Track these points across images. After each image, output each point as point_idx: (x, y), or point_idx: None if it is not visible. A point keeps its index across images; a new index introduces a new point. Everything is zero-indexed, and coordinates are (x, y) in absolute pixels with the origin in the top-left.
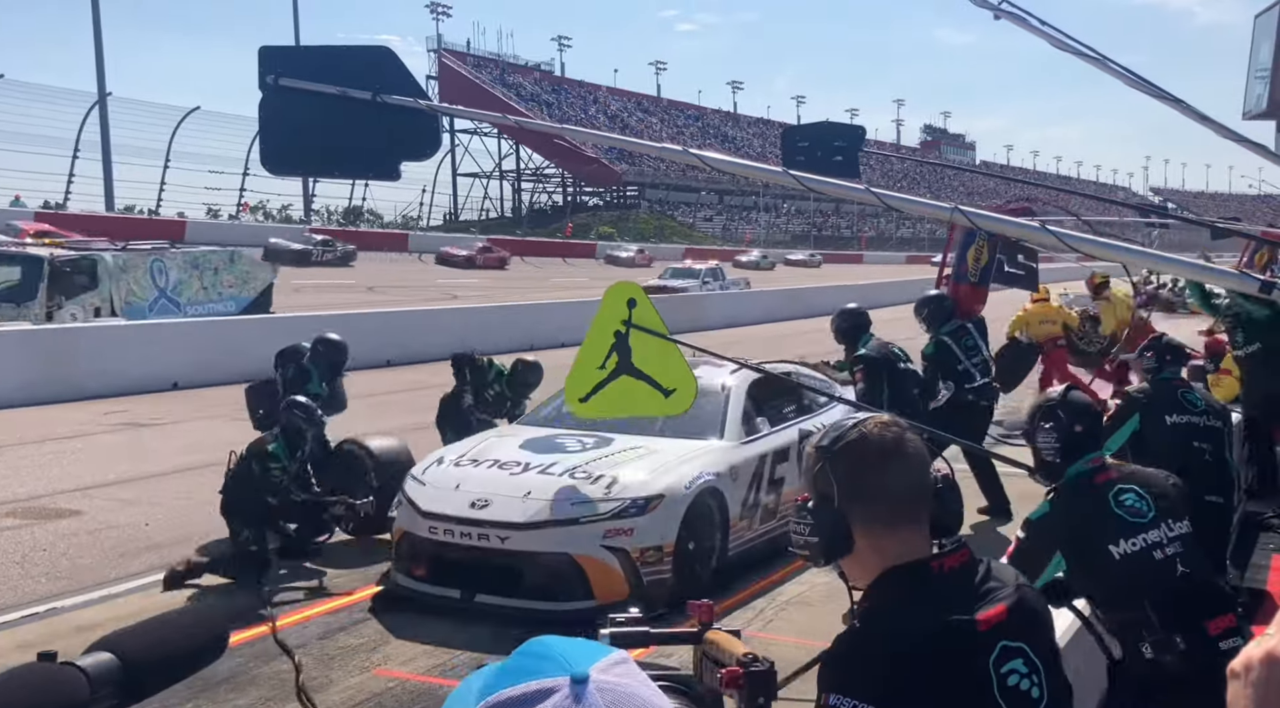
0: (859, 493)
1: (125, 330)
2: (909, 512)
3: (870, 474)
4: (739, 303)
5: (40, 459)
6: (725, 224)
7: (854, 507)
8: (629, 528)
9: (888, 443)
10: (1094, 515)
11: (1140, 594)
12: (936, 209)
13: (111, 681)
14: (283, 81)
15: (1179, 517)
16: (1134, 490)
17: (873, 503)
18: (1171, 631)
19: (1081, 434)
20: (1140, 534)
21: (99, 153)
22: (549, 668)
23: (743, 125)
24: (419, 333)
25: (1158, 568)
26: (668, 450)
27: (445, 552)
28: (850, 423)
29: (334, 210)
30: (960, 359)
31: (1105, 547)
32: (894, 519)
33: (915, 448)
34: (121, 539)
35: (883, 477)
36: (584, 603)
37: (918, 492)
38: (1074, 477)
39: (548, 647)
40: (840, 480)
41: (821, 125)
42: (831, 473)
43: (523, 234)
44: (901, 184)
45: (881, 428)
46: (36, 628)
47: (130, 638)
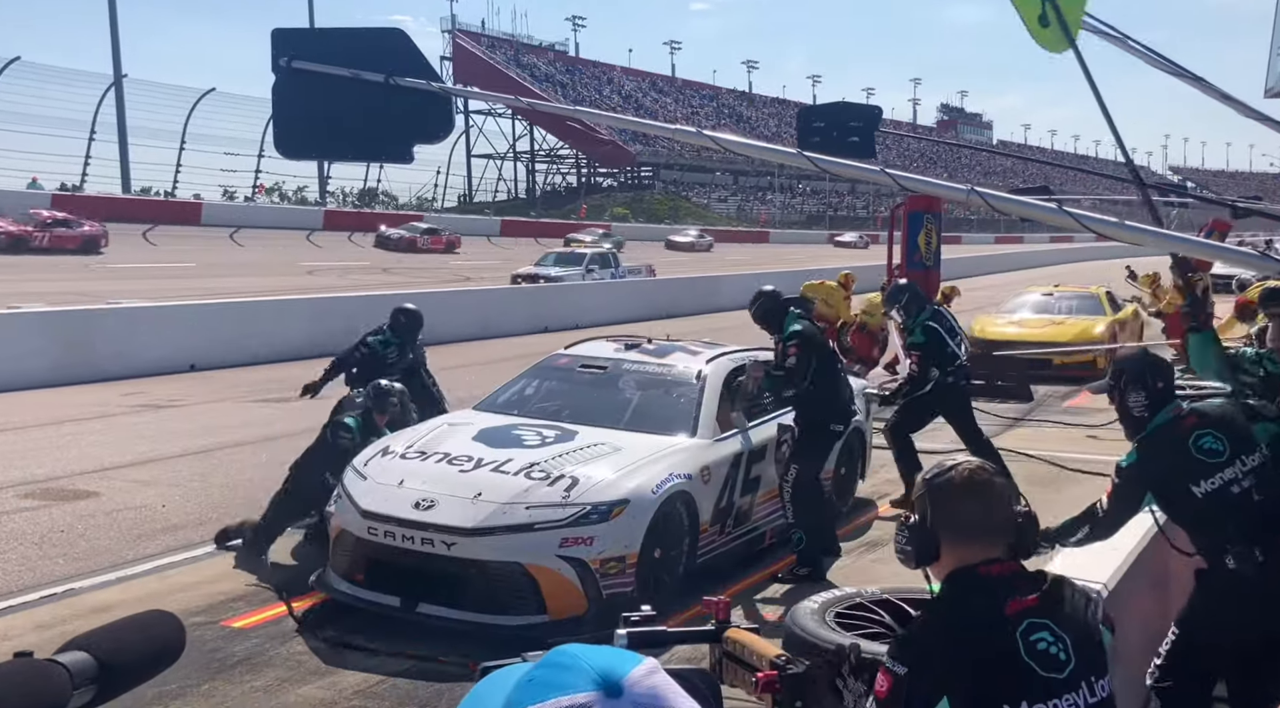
0: (945, 520)
1: (143, 312)
2: (986, 537)
3: (957, 506)
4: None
5: (59, 440)
6: (740, 205)
7: (941, 529)
8: (589, 536)
9: (976, 483)
10: (1177, 461)
11: (1223, 520)
12: (953, 191)
13: (89, 678)
14: (296, 64)
15: (1251, 450)
16: (1211, 433)
17: (955, 528)
18: (1252, 544)
19: (1163, 390)
20: (1218, 473)
21: (115, 135)
22: (577, 681)
23: (758, 105)
24: (436, 315)
25: (1236, 500)
26: (634, 448)
27: (385, 556)
28: (950, 463)
29: (349, 192)
30: (948, 343)
31: (1188, 487)
32: (970, 541)
33: (1000, 488)
34: (138, 521)
35: (967, 509)
36: (535, 618)
37: (998, 523)
38: (1156, 428)
39: (574, 657)
40: (933, 508)
41: (837, 105)
42: (929, 501)
43: (536, 215)
44: (918, 164)
45: (972, 471)
46: (54, 609)
47: (102, 639)
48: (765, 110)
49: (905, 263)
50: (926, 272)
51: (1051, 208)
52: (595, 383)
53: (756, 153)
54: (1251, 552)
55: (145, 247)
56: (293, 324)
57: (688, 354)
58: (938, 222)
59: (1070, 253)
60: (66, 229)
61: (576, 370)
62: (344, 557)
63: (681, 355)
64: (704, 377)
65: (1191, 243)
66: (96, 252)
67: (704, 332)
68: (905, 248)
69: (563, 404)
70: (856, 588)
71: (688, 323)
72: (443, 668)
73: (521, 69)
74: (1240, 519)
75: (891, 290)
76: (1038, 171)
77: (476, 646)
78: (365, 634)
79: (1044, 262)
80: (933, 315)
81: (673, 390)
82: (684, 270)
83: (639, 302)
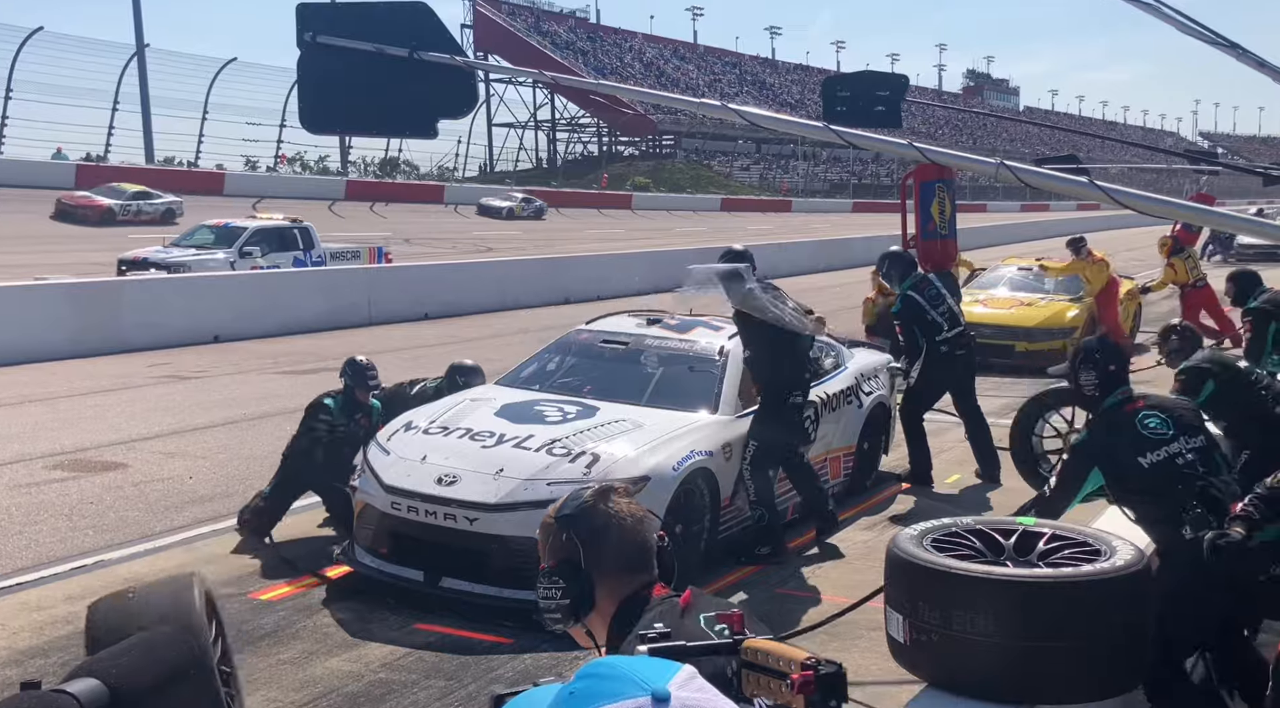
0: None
1: (168, 283)
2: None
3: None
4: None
5: (85, 412)
6: (763, 173)
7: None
8: None
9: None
10: (1124, 436)
11: (1172, 491)
12: (981, 164)
13: (99, 705)
14: (320, 39)
15: (1195, 433)
16: (1156, 414)
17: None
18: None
19: (1114, 373)
20: (1163, 447)
21: (138, 105)
22: (625, 688)
23: (781, 72)
24: (456, 286)
25: (1181, 471)
26: (656, 424)
27: (408, 530)
28: (585, 496)
29: (370, 162)
30: (926, 310)
31: (1135, 460)
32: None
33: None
34: (166, 492)
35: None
36: None
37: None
38: (1108, 408)
39: (614, 667)
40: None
41: (863, 74)
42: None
43: (558, 185)
44: (944, 131)
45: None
46: (85, 580)
47: (111, 664)
48: (788, 77)
49: (920, 233)
50: (943, 241)
51: (1083, 182)
52: (617, 359)
53: (781, 127)
54: (1205, 517)
55: None
56: (315, 296)
57: (710, 330)
58: (950, 189)
59: (1097, 221)
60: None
61: (598, 346)
62: (368, 531)
63: (704, 331)
64: (726, 353)
65: (1230, 218)
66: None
67: None
68: (919, 218)
69: (584, 380)
70: (953, 518)
71: None
72: (469, 641)
73: (542, 37)
74: (1189, 488)
75: (878, 260)
76: (1065, 138)
77: (501, 619)
78: (392, 607)
79: (1071, 230)
80: (915, 284)
81: (695, 367)
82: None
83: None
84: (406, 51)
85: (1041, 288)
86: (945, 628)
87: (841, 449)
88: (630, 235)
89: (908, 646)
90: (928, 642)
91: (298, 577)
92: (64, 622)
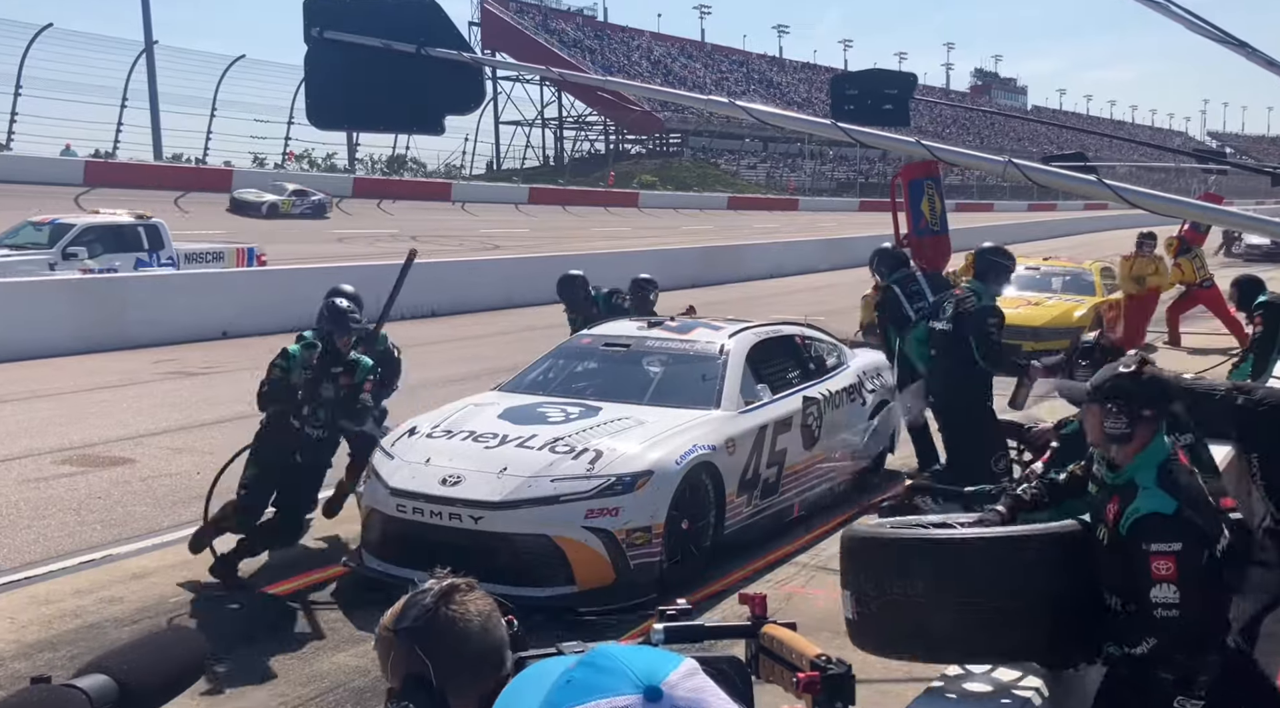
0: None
1: (175, 279)
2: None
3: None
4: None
5: (93, 407)
6: (769, 171)
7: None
8: (614, 507)
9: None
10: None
11: None
12: (989, 162)
13: (109, 701)
14: (328, 34)
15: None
16: None
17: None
18: None
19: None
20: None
21: (146, 102)
22: (618, 683)
23: (788, 71)
24: (463, 283)
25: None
26: (658, 421)
27: (414, 532)
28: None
29: (378, 159)
30: (903, 304)
31: None
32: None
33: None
34: (174, 487)
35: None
36: (564, 589)
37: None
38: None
39: (613, 658)
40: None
41: (871, 73)
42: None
43: (565, 183)
44: (951, 130)
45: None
46: (93, 574)
47: (121, 660)
48: (796, 76)
49: (912, 230)
50: (935, 237)
51: (1091, 181)
52: (618, 361)
53: (790, 124)
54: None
55: (177, 214)
56: (324, 292)
57: (710, 329)
58: (938, 185)
59: (1105, 220)
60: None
61: (600, 349)
62: (374, 534)
63: (704, 331)
64: (727, 350)
65: (1236, 217)
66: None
67: (734, 301)
68: (910, 215)
69: (587, 383)
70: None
71: (715, 292)
72: None
73: (550, 34)
74: None
75: (870, 256)
76: (1072, 137)
77: None
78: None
79: (1078, 230)
80: (900, 279)
81: (696, 365)
82: (510, 249)
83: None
84: (414, 47)
85: (1049, 287)
86: (882, 595)
87: (846, 447)
88: (637, 233)
89: (855, 620)
90: (868, 613)
91: (304, 572)
92: (72, 616)
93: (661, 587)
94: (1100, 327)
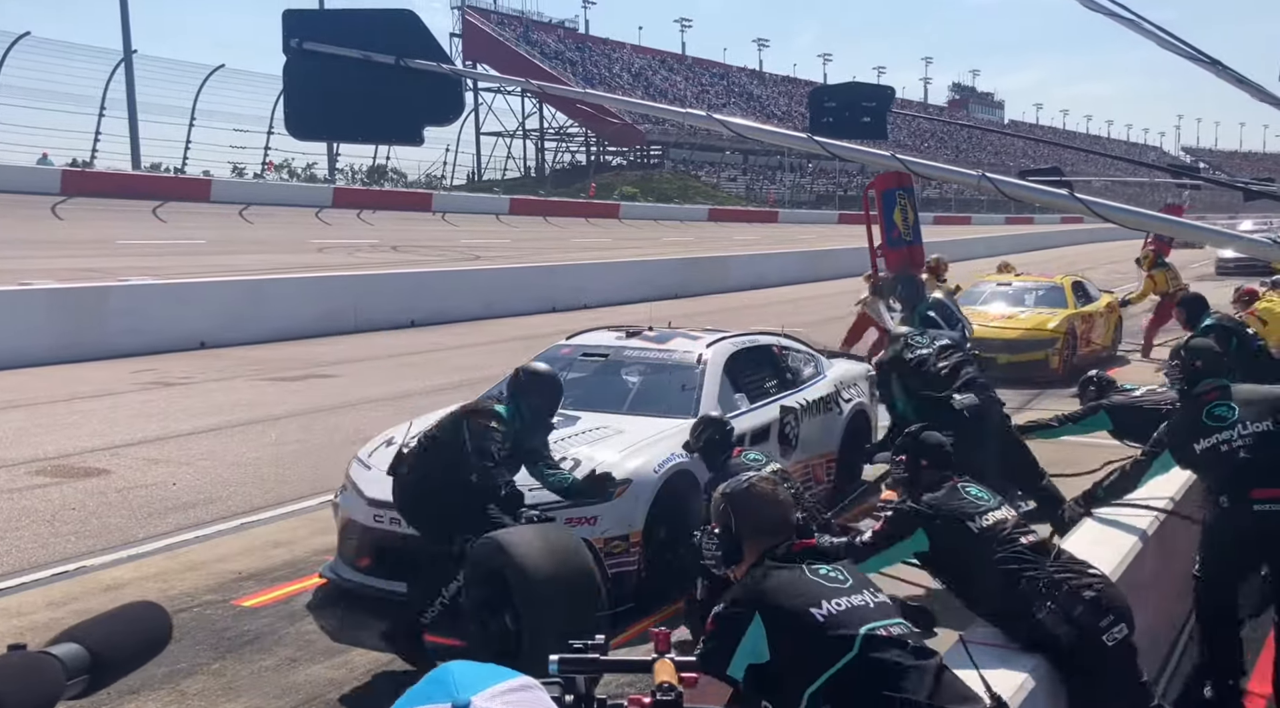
0: (748, 523)
1: (153, 289)
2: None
3: (757, 510)
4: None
5: (69, 417)
6: (749, 184)
7: (745, 531)
8: (592, 516)
9: (764, 492)
10: (1190, 423)
11: (1208, 474)
12: (963, 176)
13: (82, 669)
14: (307, 45)
15: (1260, 419)
16: (1227, 404)
17: (756, 528)
18: (1218, 494)
19: (1200, 369)
20: (1215, 435)
21: (125, 111)
22: (435, 693)
23: (768, 84)
24: (443, 294)
25: (1222, 457)
26: (637, 430)
27: (391, 542)
28: (744, 478)
29: (358, 169)
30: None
31: (1190, 444)
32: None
33: (782, 492)
34: (149, 499)
35: (765, 512)
36: None
37: (785, 519)
38: (1189, 397)
39: (449, 672)
40: (736, 515)
41: (849, 86)
42: (731, 509)
43: (546, 194)
44: (929, 143)
45: (757, 482)
46: (67, 586)
47: (92, 630)
48: (776, 89)
49: (885, 241)
50: (910, 247)
51: (1064, 195)
52: (597, 371)
53: (767, 137)
54: (1217, 500)
55: (155, 223)
56: (303, 302)
57: (688, 339)
58: (911, 195)
59: (1081, 234)
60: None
61: (578, 360)
62: (351, 545)
63: (682, 341)
64: (705, 360)
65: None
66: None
67: (714, 312)
68: (884, 226)
69: (565, 393)
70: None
71: (696, 303)
72: (453, 649)
73: (531, 46)
74: (1220, 473)
75: (888, 283)
76: (1050, 152)
77: None
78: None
79: (1055, 243)
80: (933, 305)
81: (674, 374)
82: (490, 259)
83: (646, 283)
84: (393, 58)
85: (1022, 301)
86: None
87: (823, 456)
88: (618, 244)
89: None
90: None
91: (279, 584)
92: (45, 628)
93: (639, 596)
94: (1075, 340)
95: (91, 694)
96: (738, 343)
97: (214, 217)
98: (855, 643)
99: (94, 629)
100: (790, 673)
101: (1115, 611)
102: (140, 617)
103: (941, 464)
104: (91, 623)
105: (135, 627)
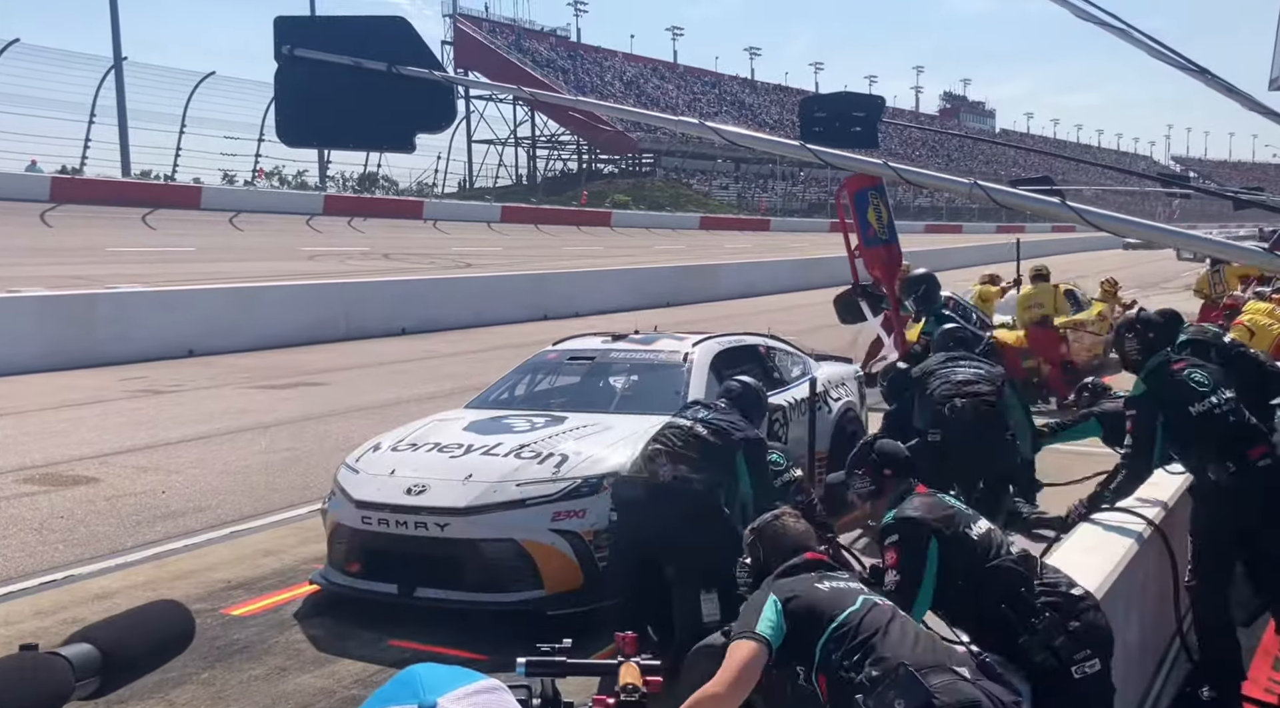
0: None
1: (141, 297)
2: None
3: (781, 540)
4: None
5: (57, 425)
6: (741, 192)
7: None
8: (580, 510)
9: (788, 526)
10: (1179, 388)
11: (1207, 437)
12: (955, 184)
13: (92, 669)
14: (298, 52)
15: (1227, 386)
16: (1199, 369)
17: (781, 554)
18: (1225, 458)
19: (1154, 339)
20: (1206, 398)
21: (115, 118)
22: (401, 695)
23: (760, 92)
24: (434, 302)
25: (1217, 419)
26: (624, 426)
27: (380, 544)
28: (770, 516)
29: (349, 177)
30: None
31: (1186, 408)
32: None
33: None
34: (138, 507)
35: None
36: (533, 593)
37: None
38: (1156, 365)
39: (415, 675)
40: (765, 548)
41: (840, 95)
42: (760, 544)
43: (537, 201)
44: (920, 152)
45: (781, 517)
46: (55, 595)
47: (107, 630)
48: (767, 97)
49: (862, 242)
50: (886, 246)
51: (1055, 202)
52: (584, 373)
53: (759, 145)
54: (1224, 464)
55: (145, 231)
56: (293, 310)
57: (674, 340)
58: (882, 194)
59: (1072, 242)
60: None
61: (565, 363)
62: (340, 549)
63: (668, 342)
64: (691, 358)
65: (1195, 239)
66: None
67: (705, 320)
68: (859, 227)
69: (553, 396)
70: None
71: (687, 311)
72: (443, 657)
73: (523, 54)
74: (1218, 436)
75: (906, 284)
76: (1040, 161)
77: (476, 626)
78: (365, 623)
79: (1045, 252)
80: (946, 304)
81: (661, 373)
82: (482, 267)
83: (638, 290)
84: (385, 65)
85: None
86: None
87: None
88: (609, 252)
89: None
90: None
91: (268, 592)
92: (32, 638)
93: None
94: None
95: (106, 695)
96: (724, 342)
97: (204, 224)
98: (857, 600)
99: (108, 629)
100: (805, 631)
101: (1094, 644)
102: (159, 616)
103: (905, 472)
104: (106, 623)
105: (152, 626)
